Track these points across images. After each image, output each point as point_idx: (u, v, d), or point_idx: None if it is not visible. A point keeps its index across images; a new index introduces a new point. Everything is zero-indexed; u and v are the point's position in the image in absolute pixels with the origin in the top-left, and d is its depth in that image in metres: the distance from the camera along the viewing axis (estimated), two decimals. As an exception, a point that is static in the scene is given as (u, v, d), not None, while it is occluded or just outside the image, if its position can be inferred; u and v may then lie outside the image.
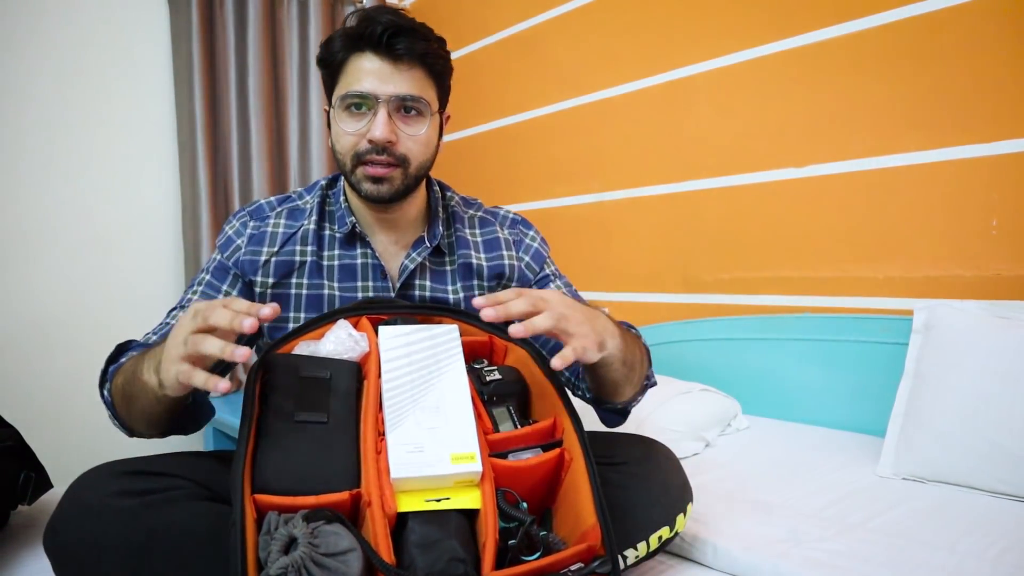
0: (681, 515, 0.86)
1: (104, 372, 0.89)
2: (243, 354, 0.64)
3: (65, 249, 2.06)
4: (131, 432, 0.88)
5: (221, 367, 0.85)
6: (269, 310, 0.67)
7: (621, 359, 0.85)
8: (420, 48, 0.92)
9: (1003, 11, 1.34)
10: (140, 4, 2.20)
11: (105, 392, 0.87)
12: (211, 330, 0.67)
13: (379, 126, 0.91)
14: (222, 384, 0.64)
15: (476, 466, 0.69)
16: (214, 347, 0.65)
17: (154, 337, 0.93)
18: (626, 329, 0.93)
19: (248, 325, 0.65)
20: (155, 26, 2.23)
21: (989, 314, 1.27)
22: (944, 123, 1.42)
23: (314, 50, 2.41)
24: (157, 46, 2.24)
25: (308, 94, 2.43)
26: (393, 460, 0.67)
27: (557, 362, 0.73)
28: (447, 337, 0.78)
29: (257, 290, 0.98)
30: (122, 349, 0.91)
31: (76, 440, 2.01)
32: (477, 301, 0.75)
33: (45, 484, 1.06)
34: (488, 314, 0.74)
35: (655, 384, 1.04)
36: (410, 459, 0.68)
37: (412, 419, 0.71)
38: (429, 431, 0.70)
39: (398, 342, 0.77)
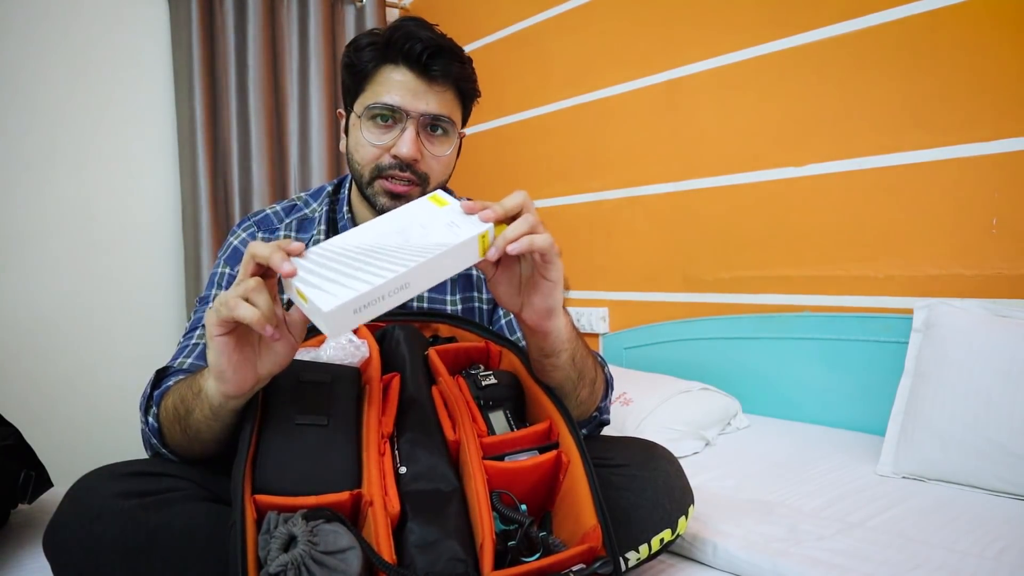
0: (683, 517, 0.86)
1: (149, 397, 0.83)
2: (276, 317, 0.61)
3: (65, 249, 2.06)
4: (182, 457, 0.80)
5: None
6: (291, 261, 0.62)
7: (570, 356, 0.79)
8: (455, 71, 0.93)
9: (1003, 9, 1.34)
10: (140, 3, 2.20)
11: (150, 417, 0.81)
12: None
13: (406, 143, 0.91)
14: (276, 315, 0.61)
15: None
16: (246, 311, 0.60)
17: (180, 357, 0.89)
18: (587, 349, 0.87)
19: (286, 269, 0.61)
20: (155, 26, 2.22)
21: (989, 313, 1.27)
22: (944, 122, 1.42)
23: (314, 50, 2.41)
24: (157, 46, 2.23)
25: (308, 94, 2.42)
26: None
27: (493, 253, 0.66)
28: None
29: None
30: (161, 375, 0.86)
31: (76, 439, 2.02)
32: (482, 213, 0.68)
33: (45, 483, 1.06)
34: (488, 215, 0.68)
35: (607, 422, 0.98)
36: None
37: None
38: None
39: None
